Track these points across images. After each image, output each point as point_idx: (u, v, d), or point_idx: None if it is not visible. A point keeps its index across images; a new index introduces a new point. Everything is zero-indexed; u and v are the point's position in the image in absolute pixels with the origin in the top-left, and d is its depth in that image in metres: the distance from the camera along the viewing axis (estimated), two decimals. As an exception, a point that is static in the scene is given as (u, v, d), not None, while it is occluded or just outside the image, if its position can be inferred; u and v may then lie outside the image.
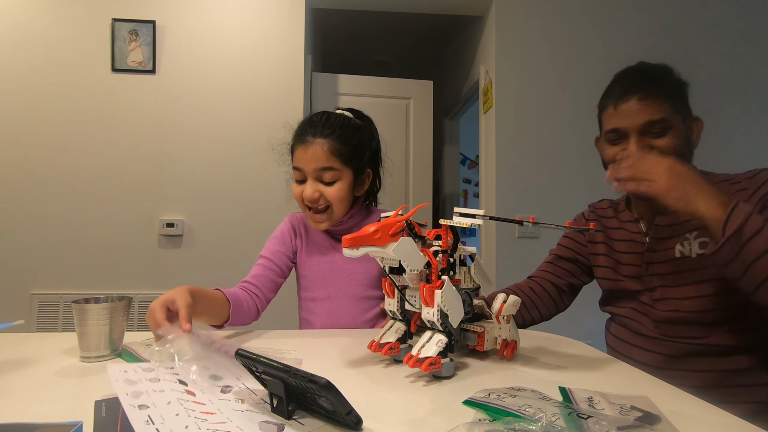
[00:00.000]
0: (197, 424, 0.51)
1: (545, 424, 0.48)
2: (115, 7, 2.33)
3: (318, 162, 1.01)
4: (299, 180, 1.05)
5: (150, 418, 0.52)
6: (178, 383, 0.62)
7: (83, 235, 2.30)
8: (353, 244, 0.64)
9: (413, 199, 2.89)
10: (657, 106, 0.90)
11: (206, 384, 0.62)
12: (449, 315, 0.69)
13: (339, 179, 1.03)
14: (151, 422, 0.51)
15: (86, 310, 0.78)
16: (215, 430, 0.49)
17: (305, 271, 1.15)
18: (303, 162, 1.02)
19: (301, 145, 1.03)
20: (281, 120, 2.37)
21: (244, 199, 2.38)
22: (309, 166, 1.02)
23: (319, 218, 1.06)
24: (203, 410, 0.54)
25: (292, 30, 2.44)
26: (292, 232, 1.17)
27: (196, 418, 0.52)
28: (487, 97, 2.61)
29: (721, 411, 0.58)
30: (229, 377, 0.64)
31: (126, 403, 0.55)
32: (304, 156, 1.02)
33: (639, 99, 0.91)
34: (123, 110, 2.34)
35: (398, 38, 3.73)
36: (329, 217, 1.05)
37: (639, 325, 0.97)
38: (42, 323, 2.25)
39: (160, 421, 0.51)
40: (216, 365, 0.66)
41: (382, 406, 0.60)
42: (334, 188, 1.02)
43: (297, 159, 1.04)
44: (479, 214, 0.72)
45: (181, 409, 0.54)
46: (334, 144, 1.01)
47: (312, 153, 1.01)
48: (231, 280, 2.32)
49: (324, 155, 1.00)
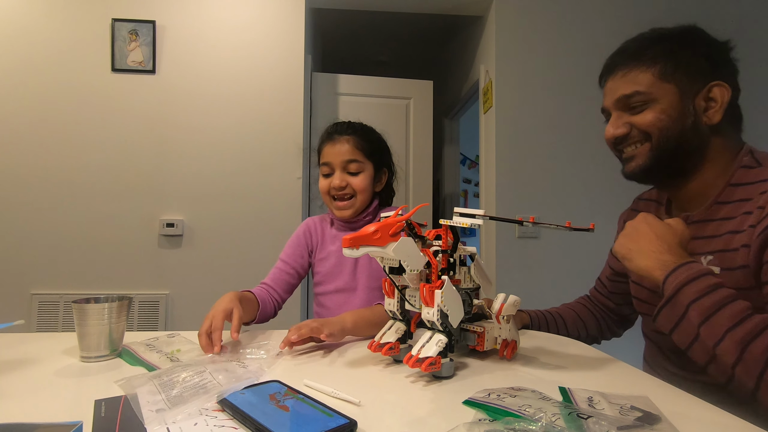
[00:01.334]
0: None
1: (545, 424, 0.48)
2: (115, 7, 2.33)
3: (345, 155, 1.14)
4: (326, 174, 1.17)
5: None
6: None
7: (83, 235, 2.30)
8: (353, 244, 0.64)
9: (413, 199, 2.89)
10: (633, 77, 0.81)
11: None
12: (449, 315, 0.69)
13: (363, 171, 1.16)
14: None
15: (86, 310, 0.78)
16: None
17: (319, 267, 1.22)
18: (331, 156, 1.15)
19: (329, 143, 1.17)
20: (281, 120, 2.41)
21: (244, 199, 2.38)
22: (337, 158, 1.15)
23: (344, 205, 1.16)
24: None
25: (292, 30, 2.43)
26: (308, 233, 1.25)
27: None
28: (487, 97, 2.61)
29: (721, 411, 0.58)
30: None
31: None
32: (332, 150, 1.15)
33: (622, 74, 0.83)
34: (123, 110, 2.33)
35: (398, 38, 3.73)
36: (353, 204, 1.16)
37: (659, 345, 0.90)
38: (42, 323, 2.25)
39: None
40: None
41: (382, 406, 0.60)
42: (359, 178, 1.15)
43: (325, 154, 1.17)
44: (479, 214, 0.72)
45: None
46: (358, 141, 1.16)
47: (339, 147, 1.15)
48: (231, 279, 2.34)
49: (350, 149, 1.15)
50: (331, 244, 1.21)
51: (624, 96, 0.81)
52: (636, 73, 0.81)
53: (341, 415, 0.52)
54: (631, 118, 0.82)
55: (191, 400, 0.58)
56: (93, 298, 0.81)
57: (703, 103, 0.78)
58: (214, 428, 0.52)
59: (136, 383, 0.63)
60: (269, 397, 0.58)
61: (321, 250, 1.22)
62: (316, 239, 1.24)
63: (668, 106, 0.79)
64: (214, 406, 0.57)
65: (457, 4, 2.71)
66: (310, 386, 0.64)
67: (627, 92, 0.81)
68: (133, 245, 2.32)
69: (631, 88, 0.80)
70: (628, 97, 0.81)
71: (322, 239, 1.23)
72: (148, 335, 0.93)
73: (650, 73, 0.79)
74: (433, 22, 3.29)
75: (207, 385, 0.62)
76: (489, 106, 2.59)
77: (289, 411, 0.54)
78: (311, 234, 1.24)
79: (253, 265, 2.35)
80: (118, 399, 0.59)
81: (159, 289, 2.32)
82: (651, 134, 0.80)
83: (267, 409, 0.55)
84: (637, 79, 0.80)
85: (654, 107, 0.79)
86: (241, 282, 2.35)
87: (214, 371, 0.67)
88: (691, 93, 0.78)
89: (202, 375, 0.65)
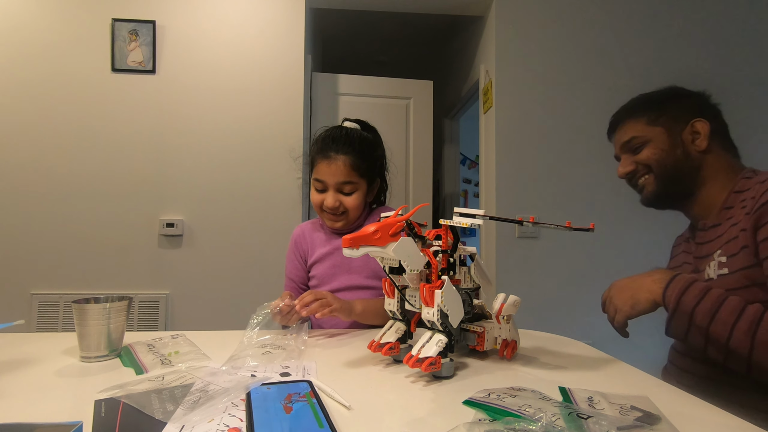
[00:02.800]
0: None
1: (545, 424, 0.48)
2: (115, 7, 2.33)
3: (340, 176, 1.12)
4: (319, 189, 1.15)
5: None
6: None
7: (83, 235, 2.30)
8: (353, 244, 0.64)
9: (413, 199, 2.89)
10: (629, 127, 1.04)
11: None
12: (449, 315, 0.69)
13: (356, 190, 1.14)
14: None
15: (86, 310, 0.78)
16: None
17: (314, 270, 1.23)
18: (326, 175, 1.13)
19: (325, 161, 1.13)
20: (281, 119, 2.41)
21: (244, 199, 2.38)
22: (331, 179, 1.12)
23: (336, 219, 1.17)
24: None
25: (292, 30, 2.43)
26: (297, 243, 1.27)
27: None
28: (487, 97, 2.61)
29: (721, 411, 0.58)
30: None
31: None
32: (327, 170, 1.12)
33: (621, 127, 1.07)
34: (123, 110, 2.33)
35: (398, 38, 3.73)
36: (345, 218, 1.17)
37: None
38: (42, 323, 2.25)
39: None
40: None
41: (382, 406, 0.60)
42: (352, 198, 1.14)
43: (320, 172, 1.14)
44: (479, 214, 0.72)
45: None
46: (354, 160, 1.12)
47: (335, 168, 1.11)
48: (231, 279, 2.34)
49: (346, 170, 1.11)
50: (322, 247, 1.22)
51: (625, 142, 1.04)
52: (631, 123, 1.04)
53: (332, 429, 0.50)
54: (634, 157, 1.03)
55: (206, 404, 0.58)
56: (93, 298, 0.81)
57: (690, 136, 0.99)
58: (225, 416, 0.54)
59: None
60: (287, 396, 0.58)
61: (312, 254, 1.23)
62: (305, 246, 1.25)
63: (660, 142, 1.00)
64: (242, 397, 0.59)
65: (457, 4, 2.71)
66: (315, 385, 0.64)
67: (626, 138, 1.04)
68: (133, 245, 2.32)
69: (629, 135, 1.03)
70: (628, 142, 1.03)
71: (312, 244, 1.24)
72: (149, 335, 0.93)
73: (641, 122, 1.02)
74: (433, 22, 3.29)
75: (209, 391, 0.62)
76: (489, 106, 2.59)
77: (289, 414, 0.54)
78: (300, 243, 1.26)
79: (253, 265, 2.35)
80: (118, 399, 0.59)
81: (159, 289, 2.32)
82: (651, 166, 1.00)
83: (273, 407, 0.55)
84: (632, 127, 1.03)
85: (650, 146, 1.00)
86: (241, 282, 2.37)
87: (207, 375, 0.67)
88: (677, 130, 0.99)
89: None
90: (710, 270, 0.90)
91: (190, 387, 0.63)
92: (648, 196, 1.03)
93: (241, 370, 0.71)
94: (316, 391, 0.61)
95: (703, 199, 0.99)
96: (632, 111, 1.05)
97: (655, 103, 1.03)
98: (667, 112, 1.01)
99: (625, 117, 1.06)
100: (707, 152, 0.98)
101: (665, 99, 1.03)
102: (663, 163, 0.99)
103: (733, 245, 0.86)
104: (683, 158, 0.98)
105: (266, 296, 1.10)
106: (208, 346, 0.87)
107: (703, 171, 0.98)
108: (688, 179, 0.99)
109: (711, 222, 0.96)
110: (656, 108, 1.02)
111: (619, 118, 1.08)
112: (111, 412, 0.55)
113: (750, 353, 0.72)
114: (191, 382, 0.65)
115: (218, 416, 0.54)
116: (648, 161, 1.01)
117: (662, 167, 0.99)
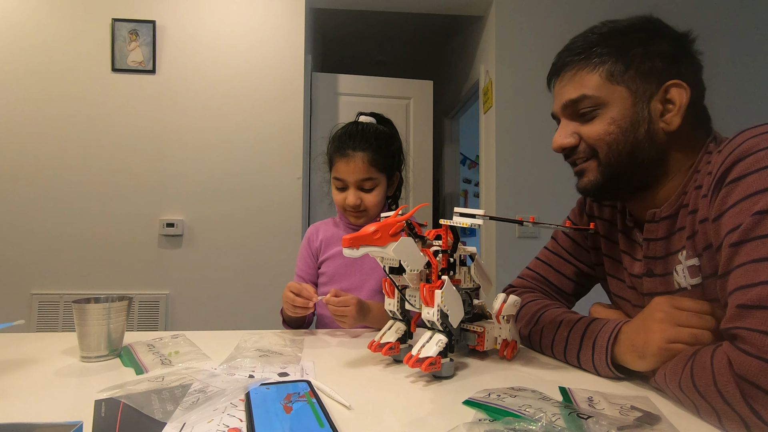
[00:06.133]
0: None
1: (545, 424, 0.48)
2: (115, 7, 2.33)
3: (359, 174, 1.11)
4: (340, 188, 1.15)
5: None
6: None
7: (83, 235, 2.30)
8: (353, 244, 0.64)
9: (413, 199, 2.89)
10: (580, 79, 0.72)
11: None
12: (449, 315, 0.69)
13: (377, 185, 1.14)
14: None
15: (86, 310, 0.78)
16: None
17: (324, 268, 1.24)
18: (345, 174, 1.12)
19: (343, 159, 1.12)
20: (281, 119, 2.41)
21: (244, 199, 2.38)
22: (351, 177, 1.12)
23: (358, 215, 1.17)
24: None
25: (292, 30, 2.44)
26: (309, 241, 1.27)
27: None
28: (487, 97, 2.61)
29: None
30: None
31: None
32: (346, 168, 1.12)
33: (570, 75, 0.75)
34: (123, 110, 2.33)
35: (398, 38, 3.73)
36: (366, 214, 1.16)
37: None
38: (42, 323, 2.25)
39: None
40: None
41: (382, 406, 0.60)
42: (373, 194, 1.14)
43: (339, 171, 1.13)
44: (479, 214, 0.72)
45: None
46: (373, 156, 1.11)
47: (354, 166, 1.10)
48: (231, 279, 2.34)
49: (365, 167, 1.11)
50: (337, 246, 1.22)
51: (571, 101, 0.73)
52: (583, 74, 0.72)
53: (333, 429, 0.51)
54: (579, 128, 0.74)
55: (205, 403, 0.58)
56: (93, 298, 0.81)
57: (660, 107, 0.69)
58: (225, 416, 0.54)
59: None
60: (286, 396, 0.58)
61: (325, 252, 1.24)
62: (317, 244, 1.25)
63: (618, 114, 0.70)
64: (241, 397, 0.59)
65: (457, 4, 2.71)
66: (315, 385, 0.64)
67: (573, 96, 0.72)
68: (133, 245, 2.32)
69: (578, 91, 0.72)
70: (575, 102, 0.73)
71: (326, 241, 1.24)
72: (149, 335, 0.94)
73: (597, 74, 0.71)
74: (433, 22, 3.29)
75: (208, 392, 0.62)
76: (489, 106, 2.59)
77: (289, 413, 0.54)
78: (312, 240, 1.26)
79: (253, 265, 2.35)
80: (118, 399, 0.59)
81: (159, 289, 2.32)
82: (598, 149, 0.72)
83: (273, 407, 0.55)
84: (584, 81, 0.71)
85: (603, 116, 0.71)
86: (241, 282, 2.37)
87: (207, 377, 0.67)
88: (645, 96, 0.69)
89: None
90: (678, 277, 0.69)
91: (189, 387, 0.63)
92: (587, 185, 0.75)
93: (239, 370, 0.71)
94: (315, 391, 0.61)
95: (661, 195, 0.73)
96: (588, 53, 0.73)
97: (620, 45, 0.71)
98: (634, 63, 0.69)
99: (576, 59, 0.74)
100: (676, 135, 0.69)
101: (635, 39, 0.71)
102: (616, 149, 0.70)
103: (695, 243, 0.66)
104: (646, 142, 0.69)
105: (266, 296, 1.10)
106: (208, 346, 0.87)
107: (666, 164, 0.71)
108: (644, 174, 0.72)
109: (666, 212, 0.72)
110: (622, 54, 0.70)
111: (567, 61, 0.75)
112: (111, 412, 0.55)
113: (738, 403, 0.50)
114: (191, 383, 0.65)
115: (218, 416, 0.54)
116: (596, 142, 0.71)
117: (614, 154, 0.70)
